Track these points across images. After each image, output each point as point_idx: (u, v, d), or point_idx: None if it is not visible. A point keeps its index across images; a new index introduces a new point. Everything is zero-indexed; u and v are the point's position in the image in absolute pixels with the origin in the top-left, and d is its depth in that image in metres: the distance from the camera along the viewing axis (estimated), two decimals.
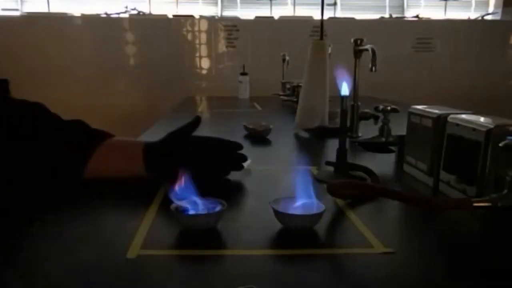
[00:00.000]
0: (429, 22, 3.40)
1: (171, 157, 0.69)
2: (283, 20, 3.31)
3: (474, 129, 0.57)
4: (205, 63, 3.27)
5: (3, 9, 3.28)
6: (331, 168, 0.74)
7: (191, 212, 0.50)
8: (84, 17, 3.22)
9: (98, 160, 0.70)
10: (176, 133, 0.71)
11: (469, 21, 3.45)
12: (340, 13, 3.43)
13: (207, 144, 0.72)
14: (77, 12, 3.23)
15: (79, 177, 0.69)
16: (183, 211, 0.50)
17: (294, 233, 0.50)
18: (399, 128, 0.84)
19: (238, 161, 0.72)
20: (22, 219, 0.64)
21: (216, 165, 0.71)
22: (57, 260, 0.44)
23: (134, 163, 0.69)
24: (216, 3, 3.42)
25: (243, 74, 2.64)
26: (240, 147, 0.72)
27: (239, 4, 3.42)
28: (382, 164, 0.85)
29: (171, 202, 0.51)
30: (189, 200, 0.51)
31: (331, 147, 0.95)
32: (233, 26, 3.23)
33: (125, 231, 0.50)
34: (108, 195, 0.66)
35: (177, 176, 0.67)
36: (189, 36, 3.23)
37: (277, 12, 3.38)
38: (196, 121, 0.71)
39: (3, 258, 0.44)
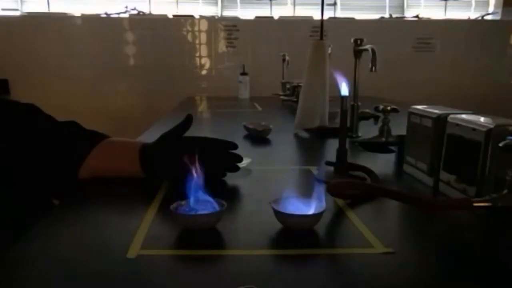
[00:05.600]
0: (429, 22, 3.40)
1: (166, 158, 0.68)
2: (283, 20, 3.31)
3: (474, 129, 0.57)
4: (205, 63, 3.27)
5: (3, 9, 3.28)
6: (331, 168, 0.74)
7: (191, 212, 0.50)
8: (84, 17, 3.22)
9: (94, 160, 0.70)
10: (169, 134, 0.71)
11: (469, 21, 3.45)
12: (340, 13, 3.43)
13: (200, 144, 0.71)
14: (77, 12, 3.23)
15: (73, 178, 0.69)
16: (183, 211, 0.50)
17: (294, 233, 0.50)
18: (399, 128, 0.84)
19: (233, 161, 0.71)
20: (17, 219, 0.64)
21: (209, 165, 0.70)
22: (57, 260, 0.44)
23: (131, 164, 0.69)
24: (216, 3, 3.41)
25: (243, 74, 2.64)
26: (235, 146, 0.72)
27: (239, 4, 3.42)
28: (382, 164, 0.85)
29: (172, 202, 0.51)
30: (191, 199, 0.51)
31: (331, 147, 0.95)
32: (233, 26, 3.23)
33: (125, 231, 0.50)
34: (108, 195, 0.66)
35: (174, 177, 0.68)
36: (189, 36, 3.23)
37: (277, 12, 3.38)
38: (188, 121, 0.70)
39: (3, 258, 0.44)
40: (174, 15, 3.31)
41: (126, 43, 3.20)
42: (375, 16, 3.43)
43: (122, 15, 3.25)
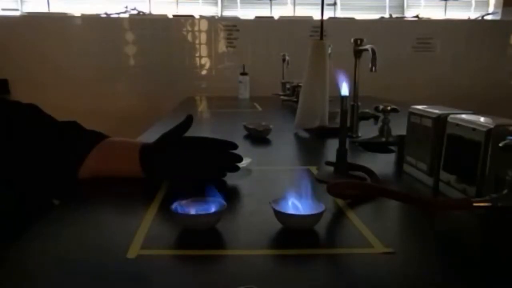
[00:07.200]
0: (429, 22, 3.40)
1: (166, 158, 0.68)
2: (283, 20, 3.31)
3: (474, 129, 0.57)
4: (205, 63, 3.27)
5: (3, 9, 3.28)
6: (331, 168, 0.74)
7: (191, 212, 0.50)
8: (84, 17, 3.22)
9: (94, 160, 0.70)
10: (169, 134, 0.71)
11: (469, 21, 3.45)
12: (340, 13, 3.43)
13: (200, 144, 0.71)
14: (77, 12, 3.23)
15: (73, 178, 0.69)
16: (183, 211, 0.50)
17: (294, 233, 0.50)
18: (399, 128, 0.84)
19: (233, 161, 0.71)
20: (16, 219, 0.64)
21: (209, 165, 0.70)
22: (57, 260, 0.44)
23: (131, 164, 0.69)
24: (216, 3, 3.41)
25: (243, 74, 2.64)
26: (235, 146, 0.71)
27: (239, 4, 3.42)
28: (382, 164, 0.85)
29: (172, 202, 0.51)
30: (189, 200, 0.52)
31: (331, 147, 0.95)
32: (233, 26, 3.23)
33: (125, 231, 0.50)
34: (108, 195, 0.66)
35: (174, 177, 0.68)
36: (189, 36, 3.23)
37: (277, 12, 3.38)
38: (188, 121, 0.70)
39: (3, 258, 0.44)
40: (174, 15, 3.31)
41: (126, 43, 3.20)
42: (375, 16, 3.43)
43: (122, 15, 3.25)
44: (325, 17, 1.33)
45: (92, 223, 0.55)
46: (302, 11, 3.40)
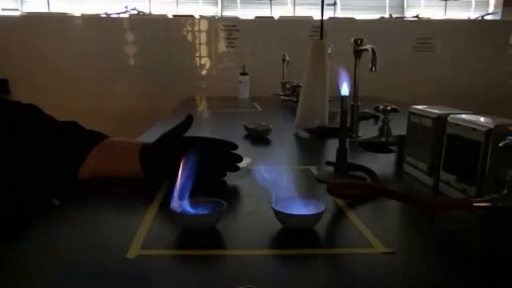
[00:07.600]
0: (429, 22, 3.40)
1: (166, 158, 0.68)
2: (283, 20, 3.31)
3: (474, 129, 0.57)
4: (205, 63, 3.27)
5: (3, 9, 3.28)
6: (331, 168, 0.74)
7: (191, 212, 0.50)
8: (84, 17, 3.22)
9: (94, 160, 0.70)
10: (169, 134, 0.71)
11: (469, 21, 3.44)
12: (340, 13, 3.43)
13: (200, 144, 0.71)
14: (77, 12, 3.23)
15: (73, 178, 0.69)
16: (183, 211, 0.50)
17: (294, 233, 0.50)
18: (399, 128, 0.84)
19: (233, 161, 0.71)
20: (16, 218, 0.64)
21: (209, 165, 0.70)
22: (57, 260, 0.44)
23: (131, 164, 0.69)
24: (216, 3, 3.41)
25: (243, 74, 2.64)
26: (235, 146, 0.72)
27: (239, 4, 3.42)
28: (382, 164, 0.85)
29: (171, 202, 0.51)
30: (189, 200, 0.52)
31: (331, 147, 0.94)
32: (233, 26, 3.23)
33: (125, 231, 0.50)
34: (108, 195, 0.66)
35: (174, 177, 0.68)
36: (189, 36, 3.23)
37: (277, 12, 3.38)
38: (188, 121, 0.71)
39: (3, 257, 0.44)
40: (174, 15, 3.31)
41: (126, 43, 3.20)
42: (375, 16, 3.43)
43: (122, 15, 3.25)
44: (325, 17, 1.33)
45: (92, 223, 0.55)
46: (302, 11, 3.40)
